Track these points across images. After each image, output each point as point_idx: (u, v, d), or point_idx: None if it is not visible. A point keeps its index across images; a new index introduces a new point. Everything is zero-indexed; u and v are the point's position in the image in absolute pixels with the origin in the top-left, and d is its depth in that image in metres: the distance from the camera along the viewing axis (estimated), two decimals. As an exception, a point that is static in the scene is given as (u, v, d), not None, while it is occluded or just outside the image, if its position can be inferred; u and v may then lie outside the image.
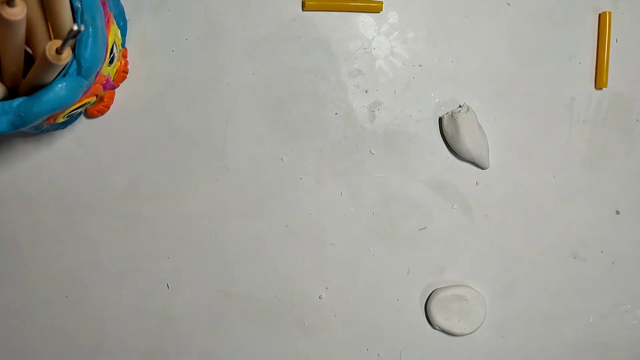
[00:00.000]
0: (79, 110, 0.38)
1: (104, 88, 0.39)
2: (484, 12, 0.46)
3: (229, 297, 0.44)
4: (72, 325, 0.43)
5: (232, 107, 0.44)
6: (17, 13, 0.26)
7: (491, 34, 0.46)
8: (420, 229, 0.45)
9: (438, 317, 0.44)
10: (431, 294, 0.45)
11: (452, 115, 0.43)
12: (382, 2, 0.44)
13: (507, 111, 0.46)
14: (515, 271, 0.46)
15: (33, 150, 0.43)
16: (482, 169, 0.45)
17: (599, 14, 0.45)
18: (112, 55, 0.37)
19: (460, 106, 0.44)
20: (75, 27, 0.25)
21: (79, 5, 0.30)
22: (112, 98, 0.42)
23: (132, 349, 0.44)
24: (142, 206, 0.43)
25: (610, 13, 0.45)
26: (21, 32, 0.28)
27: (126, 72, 0.42)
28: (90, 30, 0.30)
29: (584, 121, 0.46)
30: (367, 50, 0.45)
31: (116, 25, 0.39)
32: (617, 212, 0.46)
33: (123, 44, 0.42)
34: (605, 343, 0.47)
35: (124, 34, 0.41)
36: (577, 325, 0.47)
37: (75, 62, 0.30)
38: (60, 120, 0.37)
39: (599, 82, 0.45)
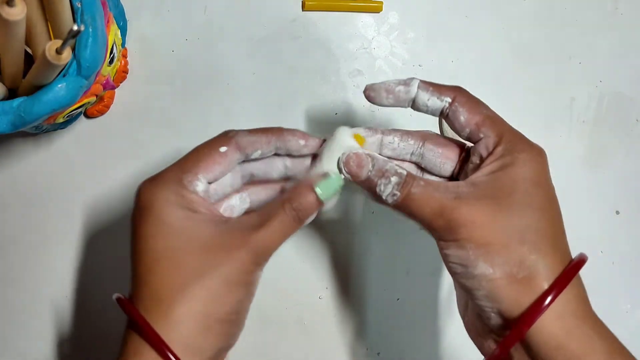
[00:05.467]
0: (79, 110, 0.38)
1: (104, 88, 0.39)
2: (484, 12, 0.46)
3: (229, 297, 0.44)
4: (72, 325, 0.43)
5: (232, 107, 0.44)
6: (17, 13, 0.26)
7: (491, 34, 0.46)
8: (421, 229, 0.45)
9: None
10: None
11: (452, 115, 0.43)
12: (382, 2, 0.44)
13: (507, 111, 0.45)
14: (515, 271, 0.46)
15: (33, 150, 0.43)
16: (482, 169, 0.45)
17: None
18: (112, 55, 0.37)
19: (460, 106, 0.44)
20: (75, 27, 0.25)
21: (79, 5, 0.30)
22: (112, 98, 0.42)
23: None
24: (142, 206, 0.43)
25: None
26: (21, 32, 0.28)
27: (126, 72, 0.42)
28: (90, 30, 0.30)
29: (583, 121, 0.46)
30: (367, 50, 0.45)
31: (116, 25, 0.39)
32: (617, 212, 0.46)
33: (123, 44, 0.42)
34: (605, 343, 0.47)
35: (124, 34, 0.41)
36: (577, 325, 0.47)
37: (75, 62, 0.30)
38: (60, 120, 0.37)
39: None
